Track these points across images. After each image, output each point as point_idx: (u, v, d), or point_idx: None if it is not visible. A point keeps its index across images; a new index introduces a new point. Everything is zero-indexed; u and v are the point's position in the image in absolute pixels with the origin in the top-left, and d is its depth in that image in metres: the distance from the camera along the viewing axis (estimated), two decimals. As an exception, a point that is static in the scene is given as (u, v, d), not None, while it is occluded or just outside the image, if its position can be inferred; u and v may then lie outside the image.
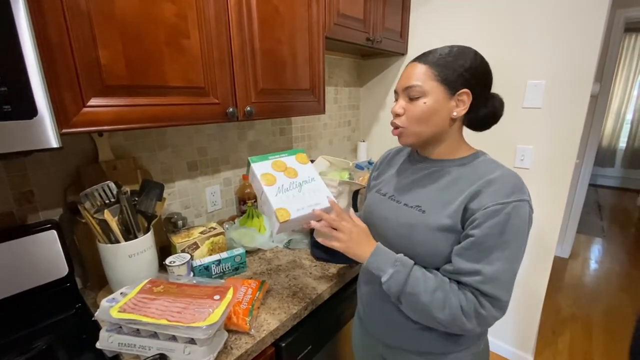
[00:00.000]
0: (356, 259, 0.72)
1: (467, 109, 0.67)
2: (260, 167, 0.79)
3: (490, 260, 0.61)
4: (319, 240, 0.74)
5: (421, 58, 0.68)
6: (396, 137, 0.73)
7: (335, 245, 0.72)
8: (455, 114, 0.67)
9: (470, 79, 0.66)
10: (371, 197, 0.83)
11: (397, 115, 0.70)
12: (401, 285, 0.66)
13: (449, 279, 0.66)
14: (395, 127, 0.71)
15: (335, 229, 0.72)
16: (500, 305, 0.62)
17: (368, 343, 0.87)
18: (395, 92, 0.72)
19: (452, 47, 0.68)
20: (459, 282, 0.64)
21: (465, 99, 0.66)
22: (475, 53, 0.68)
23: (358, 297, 0.89)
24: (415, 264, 0.68)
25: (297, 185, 0.79)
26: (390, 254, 0.70)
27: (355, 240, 0.71)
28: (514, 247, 0.62)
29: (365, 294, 0.83)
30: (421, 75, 0.66)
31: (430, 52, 0.69)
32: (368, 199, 0.85)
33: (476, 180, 0.66)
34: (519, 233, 0.62)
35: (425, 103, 0.66)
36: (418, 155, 0.78)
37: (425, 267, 0.68)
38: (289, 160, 0.83)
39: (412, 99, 0.67)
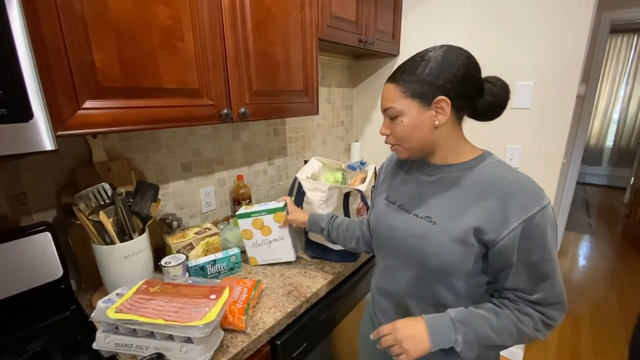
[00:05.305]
0: (423, 353, 0.64)
1: (448, 115, 0.64)
2: (244, 224, 1.07)
3: (542, 275, 0.62)
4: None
5: (391, 77, 0.68)
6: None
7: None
8: (437, 122, 0.65)
9: (443, 84, 0.63)
10: (380, 205, 0.81)
11: (386, 135, 0.72)
12: (475, 344, 0.64)
13: (509, 300, 0.65)
14: (390, 144, 0.73)
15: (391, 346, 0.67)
16: (563, 308, 0.64)
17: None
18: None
19: (419, 55, 0.66)
20: (520, 299, 0.65)
21: (444, 105, 0.63)
22: (445, 52, 0.64)
23: (370, 296, 0.89)
24: (464, 309, 0.66)
25: (268, 242, 1.09)
26: (442, 320, 0.65)
27: (407, 339, 0.65)
28: (553, 250, 0.62)
29: (377, 298, 0.83)
30: (393, 96, 0.67)
31: (400, 67, 0.68)
32: (377, 206, 0.83)
33: (490, 190, 0.63)
34: (552, 236, 0.62)
35: (402, 122, 0.67)
36: (422, 162, 0.76)
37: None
38: (267, 219, 1.05)
39: (392, 119, 0.69)
